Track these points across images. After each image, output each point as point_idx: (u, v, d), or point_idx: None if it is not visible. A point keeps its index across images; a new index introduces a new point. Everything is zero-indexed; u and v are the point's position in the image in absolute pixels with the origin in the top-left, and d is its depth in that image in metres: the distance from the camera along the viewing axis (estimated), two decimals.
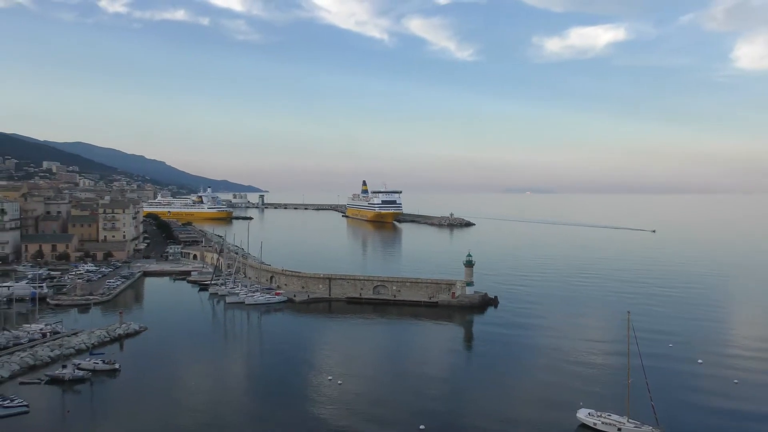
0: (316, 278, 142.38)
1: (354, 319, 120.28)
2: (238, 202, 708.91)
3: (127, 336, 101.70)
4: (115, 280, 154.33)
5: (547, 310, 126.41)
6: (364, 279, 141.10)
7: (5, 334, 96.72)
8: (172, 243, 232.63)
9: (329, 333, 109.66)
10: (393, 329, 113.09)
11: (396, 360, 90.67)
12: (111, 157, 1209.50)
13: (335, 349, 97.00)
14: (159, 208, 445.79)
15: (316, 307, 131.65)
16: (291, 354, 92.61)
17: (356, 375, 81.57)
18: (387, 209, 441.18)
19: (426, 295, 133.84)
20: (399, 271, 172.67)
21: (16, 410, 66.12)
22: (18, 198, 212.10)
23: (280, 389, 75.49)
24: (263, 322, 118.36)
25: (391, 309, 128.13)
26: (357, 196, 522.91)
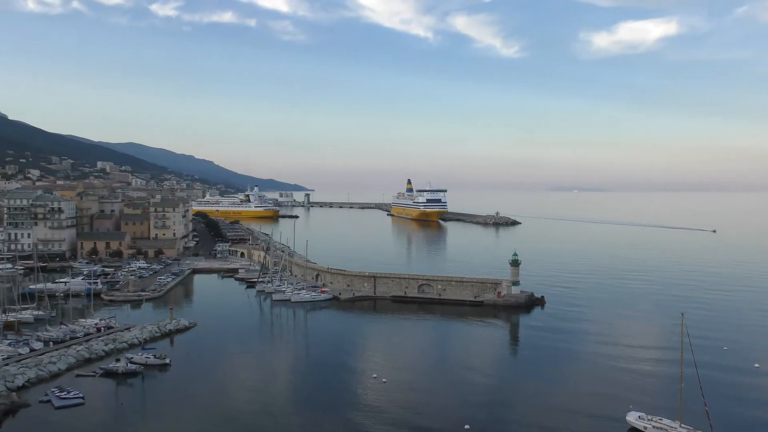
0: (361, 276, 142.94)
1: (399, 317, 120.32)
2: (285, 200, 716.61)
3: (177, 331, 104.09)
4: (165, 276, 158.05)
5: (595, 312, 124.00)
6: (409, 277, 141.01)
7: (62, 328, 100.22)
8: (221, 241, 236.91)
9: (374, 331, 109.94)
10: (438, 328, 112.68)
11: (441, 359, 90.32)
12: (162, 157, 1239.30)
13: (380, 348, 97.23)
14: (207, 206, 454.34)
15: (361, 305, 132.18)
16: (336, 351, 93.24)
17: (401, 373, 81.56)
18: (432, 208, 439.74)
19: (471, 294, 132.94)
20: (444, 269, 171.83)
21: (73, 401, 68.49)
22: (74, 197, 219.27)
23: (326, 386, 76.09)
24: (309, 319, 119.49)
25: (435, 308, 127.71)
26: (402, 195, 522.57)
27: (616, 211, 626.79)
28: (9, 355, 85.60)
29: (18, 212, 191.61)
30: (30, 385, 74.84)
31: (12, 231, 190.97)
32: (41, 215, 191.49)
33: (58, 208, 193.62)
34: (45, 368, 79.89)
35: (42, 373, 78.36)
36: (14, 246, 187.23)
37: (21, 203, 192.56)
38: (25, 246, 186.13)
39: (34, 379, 76.57)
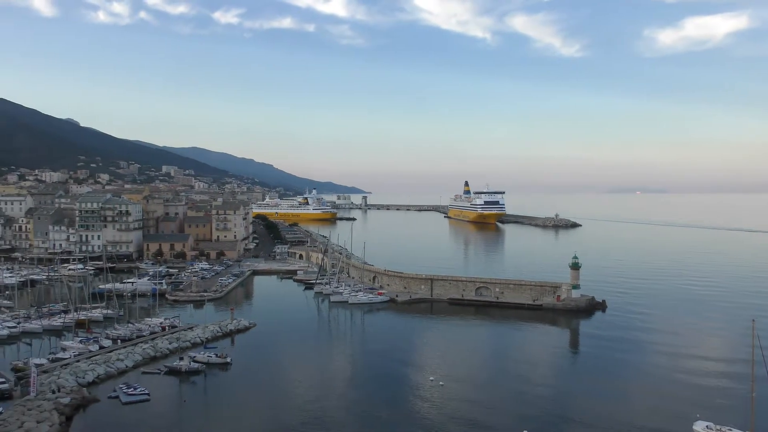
0: (418, 279, 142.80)
1: (456, 320, 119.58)
2: (342, 203, 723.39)
3: (238, 331, 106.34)
4: (227, 278, 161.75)
5: (659, 317, 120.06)
6: (466, 280, 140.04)
7: (129, 327, 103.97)
8: (280, 243, 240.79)
9: (431, 334, 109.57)
10: (496, 331, 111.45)
11: (499, 363, 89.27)
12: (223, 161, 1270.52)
13: (437, 350, 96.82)
14: (267, 209, 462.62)
15: (417, 307, 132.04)
16: (393, 353, 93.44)
17: (458, 377, 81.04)
18: (490, 210, 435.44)
19: (530, 297, 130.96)
20: (502, 272, 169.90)
21: (139, 398, 70.93)
22: (141, 200, 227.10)
23: (383, 387, 76.33)
24: (366, 321, 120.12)
25: (493, 311, 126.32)
26: (459, 197, 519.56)
27: (681, 214, 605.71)
28: (80, 351, 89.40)
29: (89, 215, 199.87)
30: (99, 381, 77.86)
31: (83, 233, 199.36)
32: (110, 218, 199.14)
33: (125, 210, 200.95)
34: (113, 365, 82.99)
35: (110, 370, 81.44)
36: (85, 247, 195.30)
37: (92, 206, 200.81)
38: (95, 247, 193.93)
39: (103, 375, 79.64)
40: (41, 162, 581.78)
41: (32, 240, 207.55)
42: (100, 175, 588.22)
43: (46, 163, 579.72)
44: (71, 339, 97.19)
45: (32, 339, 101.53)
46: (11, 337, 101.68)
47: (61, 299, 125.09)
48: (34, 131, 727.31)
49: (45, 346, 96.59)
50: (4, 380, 73.99)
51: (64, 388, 71.08)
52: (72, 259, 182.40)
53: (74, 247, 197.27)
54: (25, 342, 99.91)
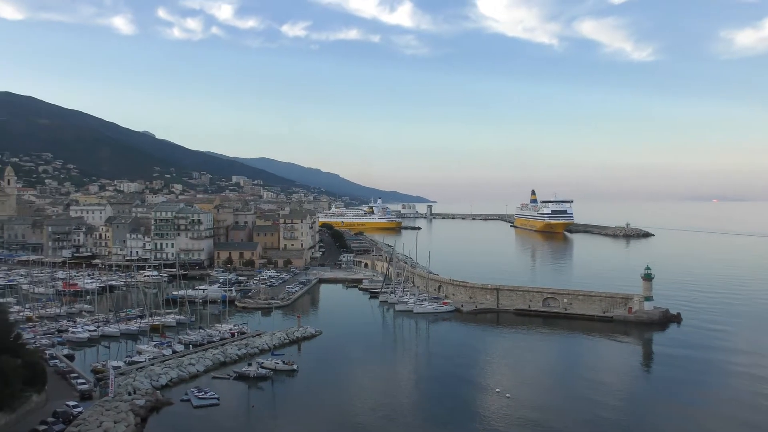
0: (484, 289, 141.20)
1: (523, 331, 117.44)
2: (407, 212, 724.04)
3: (304, 339, 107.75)
4: (293, 285, 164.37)
5: (740, 335, 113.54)
6: (533, 290, 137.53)
7: (201, 333, 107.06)
8: (345, 252, 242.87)
9: (497, 344, 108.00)
10: (564, 344, 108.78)
11: (567, 376, 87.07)
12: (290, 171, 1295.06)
13: (504, 362, 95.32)
14: (333, 218, 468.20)
15: (483, 317, 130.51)
16: (459, 363, 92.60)
17: (525, 389, 79.52)
18: (557, 219, 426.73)
19: (600, 309, 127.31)
20: (570, 283, 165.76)
21: (209, 401, 72.89)
22: (212, 209, 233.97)
23: (449, 398, 75.69)
24: (431, 330, 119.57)
25: (561, 322, 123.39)
26: (525, 206, 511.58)
27: (761, 223, 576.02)
28: (154, 355, 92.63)
29: (163, 224, 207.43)
30: (172, 384, 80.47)
31: (158, 241, 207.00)
32: (183, 226, 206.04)
33: (197, 219, 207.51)
34: (185, 369, 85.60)
35: (183, 374, 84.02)
36: (160, 255, 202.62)
37: (166, 215, 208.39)
38: (169, 255, 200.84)
39: (175, 378, 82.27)
40: (120, 173, 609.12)
41: (111, 247, 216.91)
42: (174, 186, 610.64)
43: (125, 174, 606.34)
44: (146, 343, 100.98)
45: (110, 342, 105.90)
46: (91, 340, 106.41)
47: (137, 304, 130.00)
48: (114, 144, 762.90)
49: (122, 349, 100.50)
50: (85, 381, 77.55)
51: (139, 390, 73.84)
52: (147, 266, 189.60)
53: (149, 255, 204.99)
54: (104, 345, 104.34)
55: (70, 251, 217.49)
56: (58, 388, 74.80)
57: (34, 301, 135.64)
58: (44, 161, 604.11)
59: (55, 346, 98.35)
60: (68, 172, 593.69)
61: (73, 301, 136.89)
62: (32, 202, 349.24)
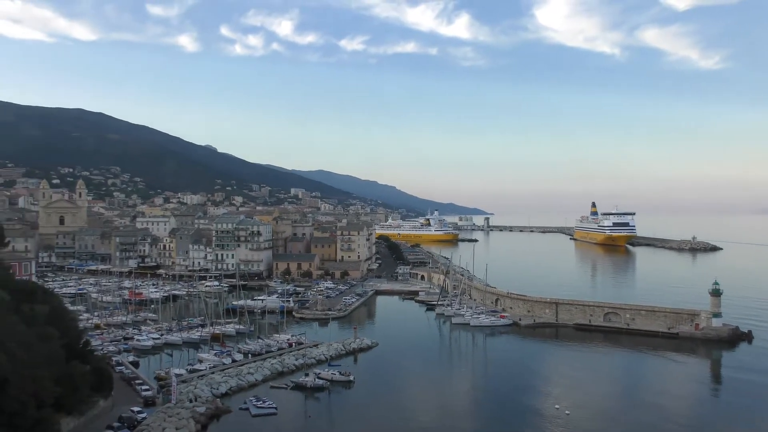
0: (543, 302, 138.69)
1: (583, 346, 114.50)
2: (464, 224, 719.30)
3: (361, 350, 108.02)
4: (350, 297, 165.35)
5: None
6: (593, 305, 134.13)
7: (259, 342, 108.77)
8: (402, 264, 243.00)
9: (556, 359, 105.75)
10: (626, 360, 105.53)
11: (629, 394, 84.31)
12: (348, 183, 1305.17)
13: (562, 377, 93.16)
14: (390, 230, 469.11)
15: (542, 332, 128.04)
16: (516, 378, 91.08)
17: (585, 406, 77.40)
18: (619, 232, 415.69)
19: (664, 325, 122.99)
20: (633, 297, 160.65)
21: (267, 410, 73.85)
22: (271, 221, 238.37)
23: (506, 412, 74.48)
24: (488, 344, 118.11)
25: (623, 338, 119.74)
26: (585, 219, 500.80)
27: None
28: (215, 364, 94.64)
29: (224, 235, 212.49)
30: (231, 393, 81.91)
31: (219, 252, 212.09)
32: (243, 238, 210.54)
33: (257, 231, 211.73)
34: (244, 378, 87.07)
35: (242, 383, 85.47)
36: (220, 265, 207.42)
37: (226, 227, 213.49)
38: (229, 266, 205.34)
39: (235, 387, 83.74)
40: (183, 186, 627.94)
41: (174, 258, 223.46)
42: (235, 198, 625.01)
43: (188, 186, 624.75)
44: (207, 351, 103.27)
45: (173, 350, 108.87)
46: (155, 348, 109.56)
47: (199, 314, 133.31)
48: (178, 158, 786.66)
49: (184, 357, 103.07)
50: (149, 388, 79.90)
51: (200, 398, 75.51)
52: (209, 276, 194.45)
53: (211, 265, 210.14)
54: (167, 353, 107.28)
55: (136, 261, 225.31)
56: (124, 394, 77.28)
57: (102, 309, 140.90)
58: (113, 175, 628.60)
59: (121, 353, 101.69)
60: (135, 185, 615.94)
61: (138, 310, 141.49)
62: (101, 214, 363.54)
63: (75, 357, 64.37)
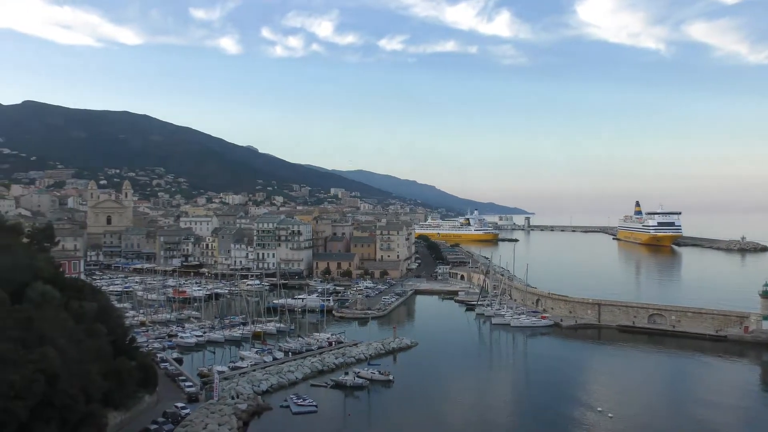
0: (585, 303, 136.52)
1: (626, 348, 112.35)
2: (504, 224, 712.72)
3: (400, 349, 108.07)
4: (390, 296, 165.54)
5: None
6: (637, 306, 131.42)
7: (299, 341, 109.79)
8: (441, 263, 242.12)
9: (599, 361, 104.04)
10: (671, 363, 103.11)
11: (675, 398, 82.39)
12: (387, 183, 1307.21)
13: (605, 380, 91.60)
14: (429, 230, 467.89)
15: (584, 333, 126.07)
16: (557, 380, 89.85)
17: (629, 409, 75.89)
18: (664, 232, 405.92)
19: (711, 327, 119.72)
20: (678, 299, 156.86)
21: (308, 408, 74.52)
22: (311, 221, 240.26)
23: (547, 414, 73.56)
24: (529, 345, 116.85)
25: (669, 341, 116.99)
26: (629, 218, 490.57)
27: None
28: (256, 361, 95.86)
29: (265, 234, 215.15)
30: (272, 391, 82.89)
31: (260, 251, 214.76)
32: (284, 237, 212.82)
33: (297, 230, 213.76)
34: (285, 376, 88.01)
35: (282, 381, 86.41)
36: (261, 264, 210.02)
37: (267, 227, 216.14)
38: (270, 265, 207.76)
39: (275, 385, 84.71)
40: (225, 186, 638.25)
41: (217, 257, 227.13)
42: (275, 198, 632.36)
43: (230, 187, 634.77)
44: (248, 349, 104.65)
45: (215, 348, 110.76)
46: (198, 345, 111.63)
47: (240, 312, 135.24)
48: (220, 158, 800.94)
49: (226, 354, 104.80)
50: (192, 384, 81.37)
51: (242, 395, 76.61)
52: (250, 275, 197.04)
53: (252, 264, 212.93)
54: (209, 350, 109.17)
55: (180, 260, 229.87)
56: (168, 390, 78.81)
57: (147, 306, 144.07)
58: (157, 175, 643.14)
59: (166, 350, 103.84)
60: (179, 186, 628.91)
61: (182, 308, 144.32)
62: (146, 213, 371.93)
63: (121, 353, 66.00)
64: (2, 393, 36.92)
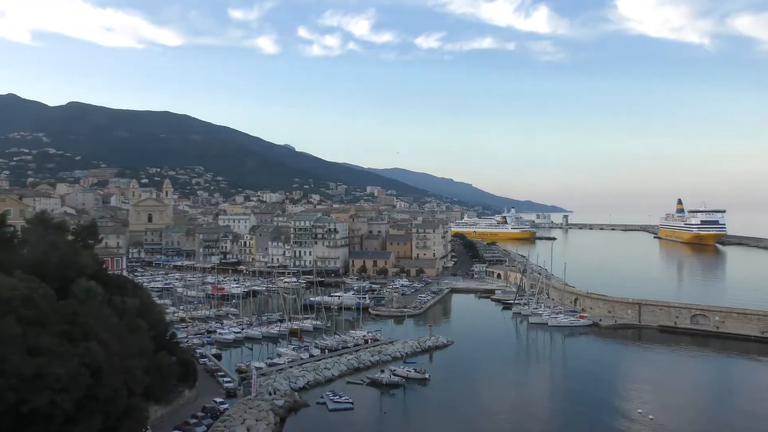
0: (624, 303, 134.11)
1: (668, 349, 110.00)
2: (542, 222, 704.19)
3: (436, 348, 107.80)
4: (425, 295, 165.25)
5: None
6: (679, 306, 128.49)
7: (336, 338, 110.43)
8: (477, 262, 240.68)
9: (639, 363, 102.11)
10: (715, 365, 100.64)
11: (719, 401, 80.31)
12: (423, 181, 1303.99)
13: (646, 381, 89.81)
14: (465, 228, 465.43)
15: (623, 333, 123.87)
16: (596, 380, 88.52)
17: (670, 412, 74.32)
18: (707, 230, 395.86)
19: (757, 328, 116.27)
20: (723, 299, 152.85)
21: (344, 405, 74.95)
22: (347, 219, 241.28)
23: (585, 415, 72.57)
24: (567, 344, 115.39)
25: (712, 342, 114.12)
26: (671, 216, 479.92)
27: None
28: (293, 358, 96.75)
29: (302, 232, 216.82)
30: (309, 387, 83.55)
31: (297, 249, 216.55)
32: (320, 235, 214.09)
33: (333, 228, 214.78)
34: (321, 373, 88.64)
35: (319, 378, 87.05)
36: (298, 262, 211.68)
37: (304, 224, 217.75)
38: (306, 262, 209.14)
39: (312, 382, 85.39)
40: (263, 184, 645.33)
41: (254, 254, 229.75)
42: (312, 196, 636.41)
43: (267, 185, 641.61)
44: (285, 346, 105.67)
45: (253, 344, 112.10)
46: (236, 341, 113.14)
47: (278, 309, 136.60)
48: (258, 157, 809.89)
49: (264, 351, 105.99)
50: (231, 380, 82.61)
51: (279, 391, 77.45)
52: (287, 272, 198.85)
53: (289, 262, 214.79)
54: (247, 346, 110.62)
55: (219, 257, 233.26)
56: (207, 385, 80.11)
57: (187, 303, 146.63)
58: (197, 174, 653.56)
59: (205, 346, 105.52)
60: (217, 184, 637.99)
61: (220, 304, 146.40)
62: (186, 211, 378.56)
63: (162, 348, 67.18)
64: (49, 386, 38.01)
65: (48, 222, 69.05)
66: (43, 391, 37.72)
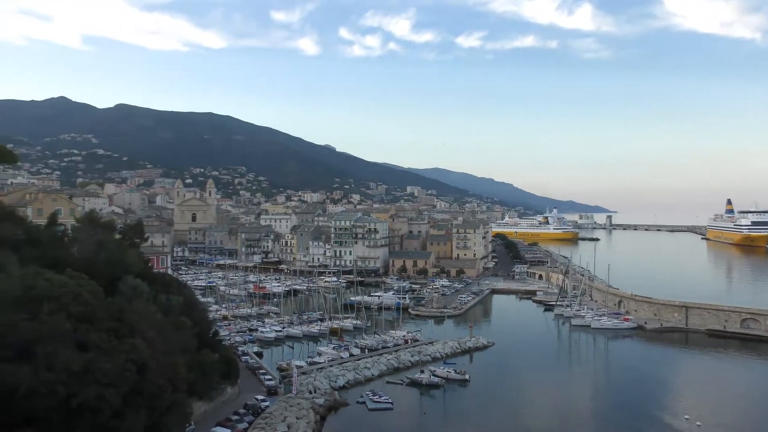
0: (671, 305, 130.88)
1: (716, 354, 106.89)
2: (585, 222, 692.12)
3: (476, 349, 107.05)
4: (466, 295, 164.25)
5: None
6: (729, 310, 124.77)
7: (376, 338, 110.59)
8: (519, 262, 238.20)
9: (686, 367, 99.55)
10: (766, 371, 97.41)
11: None
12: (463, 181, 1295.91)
13: (693, 386, 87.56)
14: (506, 228, 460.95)
15: (669, 337, 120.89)
16: (641, 385, 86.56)
17: (718, 418, 72.18)
18: (759, 231, 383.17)
19: None
20: None
21: (384, 405, 75.00)
22: (387, 219, 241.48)
23: (629, 421, 71.00)
24: (610, 347, 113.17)
25: (764, 347, 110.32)
26: (719, 217, 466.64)
27: None
28: (333, 357, 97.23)
29: (342, 232, 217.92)
30: (349, 386, 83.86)
31: (337, 248, 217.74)
32: (360, 235, 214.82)
33: (374, 228, 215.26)
34: (361, 372, 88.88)
35: (358, 377, 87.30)
36: (339, 261, 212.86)
37: (344, 224, 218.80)
38: (347, 262, 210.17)
39: (352, 381, 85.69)
40: (304, 184, 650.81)
41: (295, 254, 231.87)
42: (352, 196, 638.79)
43: (308, 185, 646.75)
44: (326, 345, 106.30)
45: (294, 343, 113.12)
46: (277, 340, 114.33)
47: (318, 308, 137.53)
48: (299, 157, 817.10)
49: (304, 350, 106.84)
50: (272, 378, 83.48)
51: (319, 390, 77.96)
52: (327, 272, 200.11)
53: (329, 261, 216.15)
54: (288, 345, 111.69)
55: (260, 257, 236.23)
56: (249, 383, 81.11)
57: (229, 301, 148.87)
58: (239, 174, 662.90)
59: (247, 344, 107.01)
60: (259, 184, 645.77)
61: (262, 303, 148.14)
62: (229, 211, 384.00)
63: (205, 346, 68.41)
64: (97, 380, 39.02)
65: (96, 221, 71.01)
66: (91, 385, 38.70)
